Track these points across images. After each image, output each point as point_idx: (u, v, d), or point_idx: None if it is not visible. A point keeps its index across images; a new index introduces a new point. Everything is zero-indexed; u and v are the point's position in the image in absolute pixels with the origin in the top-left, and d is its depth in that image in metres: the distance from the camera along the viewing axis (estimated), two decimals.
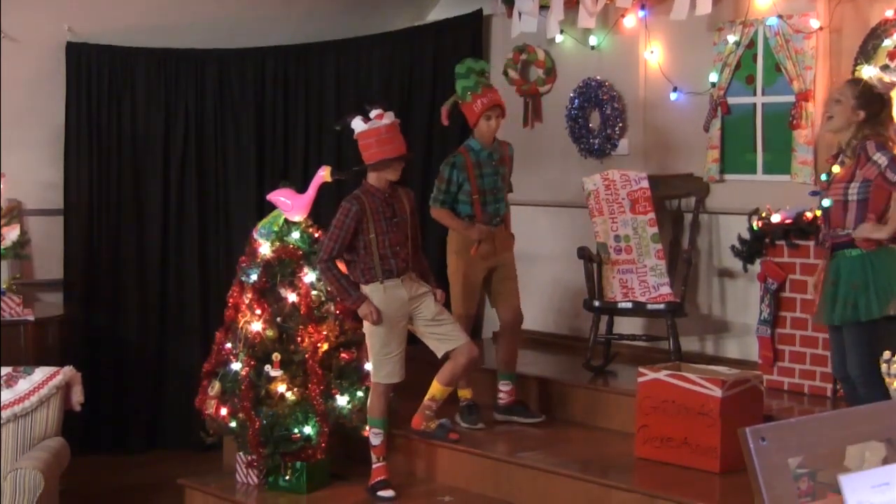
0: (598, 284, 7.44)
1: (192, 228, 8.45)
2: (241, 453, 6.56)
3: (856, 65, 6.76)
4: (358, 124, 6.15)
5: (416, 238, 6.35)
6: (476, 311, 6.91)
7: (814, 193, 6.10)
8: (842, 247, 5.41)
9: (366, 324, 6.21)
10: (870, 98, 5.39)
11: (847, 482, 2.03)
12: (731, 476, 5.64)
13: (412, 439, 6.63)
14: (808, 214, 6.60)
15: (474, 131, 6.80)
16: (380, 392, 6.26)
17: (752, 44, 7.31)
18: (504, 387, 6.95)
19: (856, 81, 5.60)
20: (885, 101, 5.44)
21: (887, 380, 5.77)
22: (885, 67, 6.55)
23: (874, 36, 6.70)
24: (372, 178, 6.21)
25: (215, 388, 6.56)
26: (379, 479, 6.28)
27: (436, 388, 6.41)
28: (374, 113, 6.12)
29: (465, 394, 6.86)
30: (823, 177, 5.59)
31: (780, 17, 7.07)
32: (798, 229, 6.65)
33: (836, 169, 5.44)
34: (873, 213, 5.37)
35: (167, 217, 8.41)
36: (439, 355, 6.34)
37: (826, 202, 5.46)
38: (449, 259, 6.90)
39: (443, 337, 6.28)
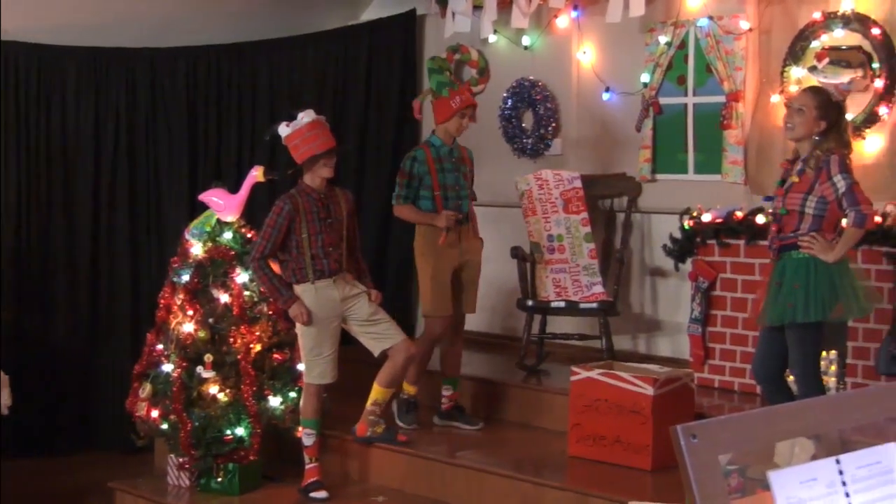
0: (531, 284, 7.47)
1: (123, 229, 8.33)
2: (172, 455, 6.51)
3: (784, 66, 6.84)
4: (283, 129, 6.16)
5: (352, 239, 6.33)
6: (453, 312, 6.77)
7: (767, 199, 6.09)
8: (788, 248, 5.41)
9: (298, 324, 6.19)
10: (829, 107, 5.38)
11: (776, 478, 2.05)
12: (662, 473, 5.68)
13: (345, 440, 6.60)
14: (739, 214, 6.66)
15: (438, 128, 6.75)
16: (312, 393, 6.24)
17: (683, 44, 7.38)
18: (446, 391, 6.92)
19: (816, 90, 5.54)
20: (841, 110, 5.45)
21: (825, 378, 5.83)
22: (812, 69, 6.62)
23: (802, 37, 6.78)
24: (307, 177, 6.19)
25: (146, 389, 6.50)
26: (312, 480, 6.26)
27: (377, 392, 6.35)
28: (300, 115, 6.12)
29: (409, 389, 6.77)
30: (778, 183, 5.56)
31: (710, 18, 7.15)
32: (728, 228, 6.71)
33: (794, 179, 5.41)
34: (828, 228, 5.35)
35: (98, 217, 8.28)
36: (375, 354, 6.31)
37: (782, 210, 5.46)
38: (417, 262, 6.82)
39: (378, 336, 6.26)
